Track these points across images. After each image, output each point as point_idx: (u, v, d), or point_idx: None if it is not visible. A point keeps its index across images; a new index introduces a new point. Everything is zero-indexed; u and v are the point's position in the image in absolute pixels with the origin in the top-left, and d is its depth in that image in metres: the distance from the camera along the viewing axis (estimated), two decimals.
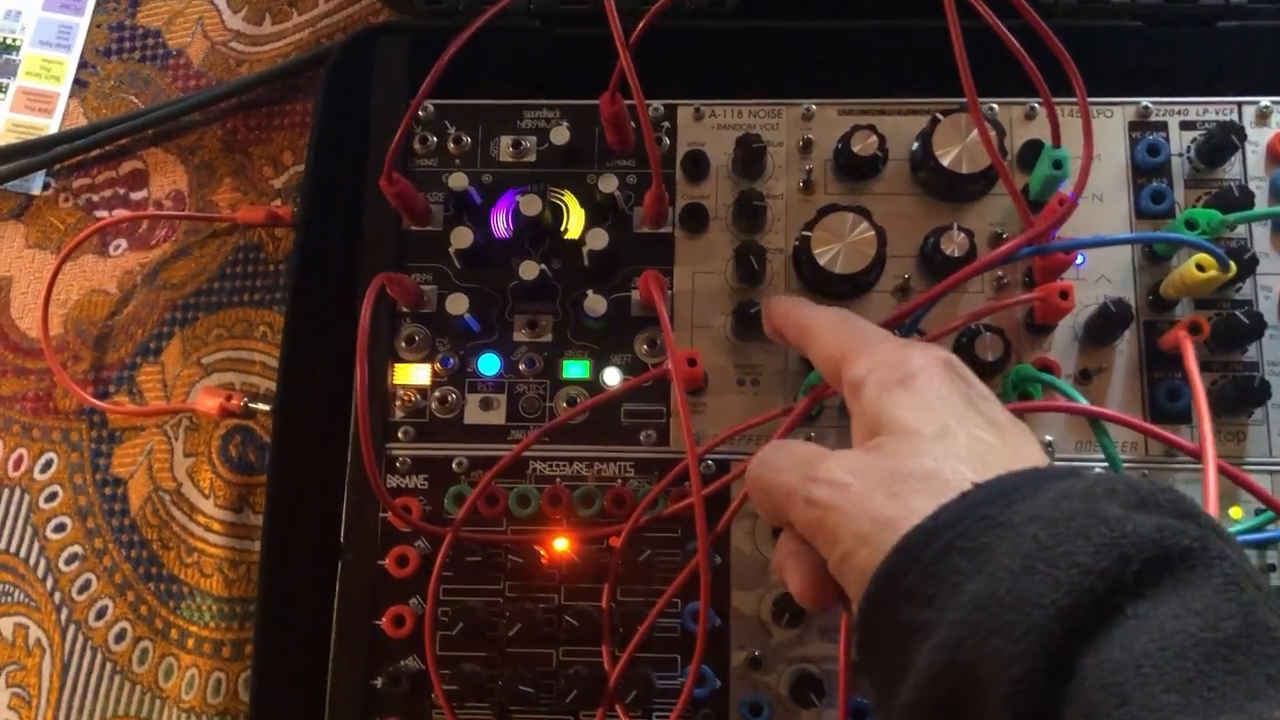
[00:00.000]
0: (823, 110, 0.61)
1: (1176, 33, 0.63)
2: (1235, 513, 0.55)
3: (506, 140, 0.62)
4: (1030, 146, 0.59)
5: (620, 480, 0.58)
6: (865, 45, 0.65)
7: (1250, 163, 0.59)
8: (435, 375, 0.60)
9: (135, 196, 0.77)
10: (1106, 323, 0.55)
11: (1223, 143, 0.58)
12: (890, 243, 0.57)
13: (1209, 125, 0.59)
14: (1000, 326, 0.56)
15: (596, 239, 0.57)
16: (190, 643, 0.67)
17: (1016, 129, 0.60)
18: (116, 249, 0.76)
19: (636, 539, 0.55)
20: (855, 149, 0.58)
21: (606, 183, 0.59)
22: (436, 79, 0.52)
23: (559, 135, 0.61)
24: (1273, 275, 0.58)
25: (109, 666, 0.67)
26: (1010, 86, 0.56)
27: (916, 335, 0.54)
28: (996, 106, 0.60)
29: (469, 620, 0.55)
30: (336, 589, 0.57)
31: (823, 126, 0.61)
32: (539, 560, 0.57)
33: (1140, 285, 0.58)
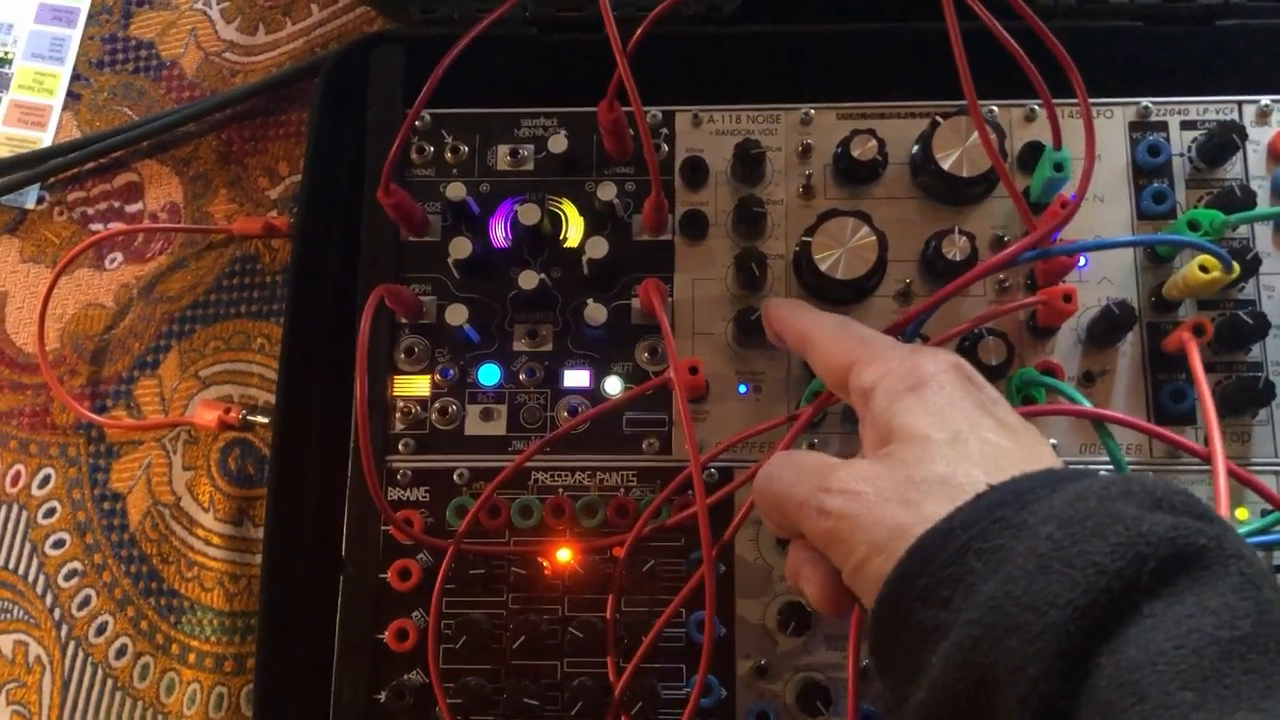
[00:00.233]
0: (821, 115, 0.61)
1: (1176, 32, 0.63)
2: (1241, 514, 0.55)
3: (504, 149, 0.62)
4: (1031, 148, 0.59)
5: (623, 490, 0.57)
6: (864, 49, 0.65)
7: (1251, 162, 0.59)
8: (435, 386, 0.59)
9: (130, 209, 0.76)
10: (1109, 325, 0.55)
11: (1224, 142, 0.58)
12: (891, 247, 0.56)
13: (1210, 125, 0.59)
14: (1003, 330, 0.56)
15: (596, 247, 0.57)
16: (191, 657, 0.66)
17: (1017, 131, 0.60)
18: (112, 262, 0.75)
19: (640, 549, 0.55)
20: (855, 153, 0.58)
21: (605, 190, 0.59)
22: (433, 89, 0.52)
23: (557, 143, 0.60)
24: (1276, 275, 0.57)
25: (110, 683, 0.66)
26: (1010, 88, 0.55)
27: (919, 340, 0.54)
28: (996, 109, 0.60)
29: (472, 633, 0.54)
30: (338, 603, 0.57)
31: (822, 131, 0.61)
32: (542, 572, 0.56)
33: (1143, 286, 0.58)
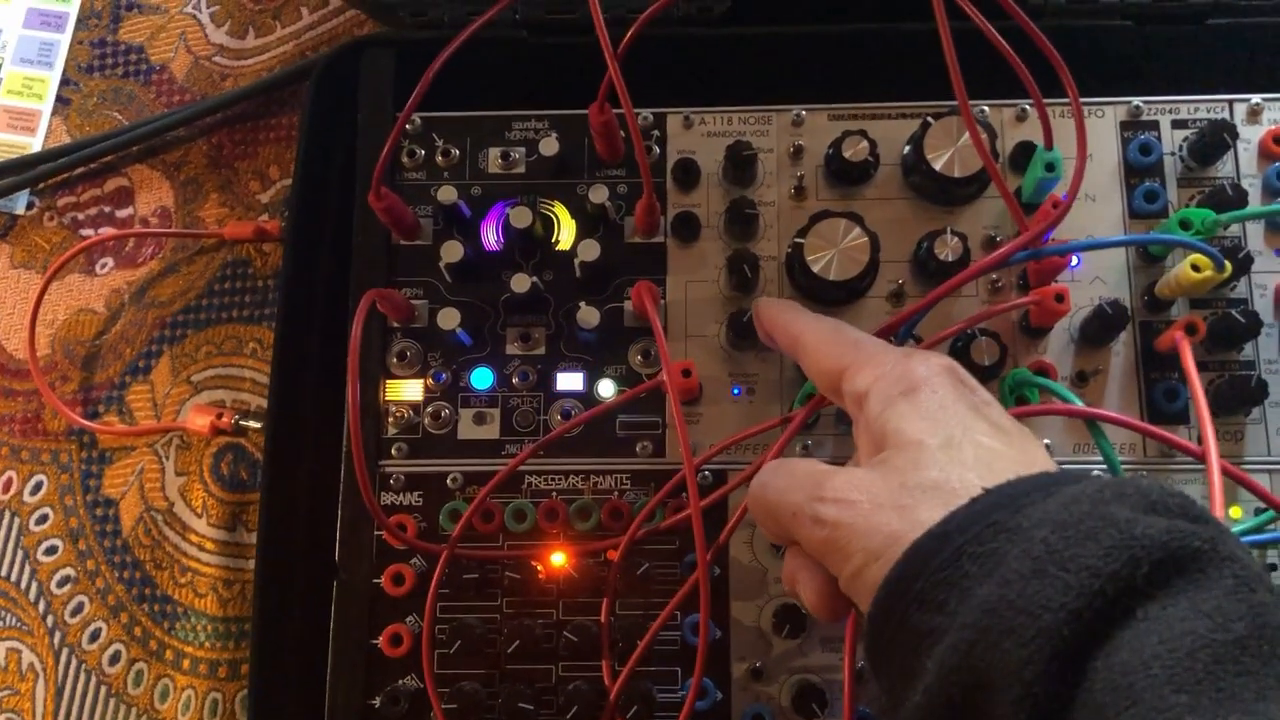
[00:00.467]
0: (813, 116, 0.61)
1: (1166, 31, 0.63)
2: (1235, 512, 0.55)
3: (495, 152, 0.62)
4: (1022, 148, 0.59)
5: (617, 493, 0.57)
6: (854, 49, 0.65)
7: (1242, 160, 0.59)
8: (428, 390, 0.59)
9: (121, 214, 0.76)
10: (1102, 324, 0.55)
11: (1215, 141, 0.57)
12: (883, 248, 0.56)
13: (1201, 124, 0.59)
14: (995, 330, 0.56)
15: (588, 250, 0.57)
16: (186, 663, 0.66)
17: (1008, 131, 0.60)
18: (103, 267, 0.75)
19: (634, 552, 0.55)
20: (846, 154, 0.58)
21: (597, 193, 0.58)
22: (424, 92, 0.52)
23: (548, 146, 0.60)
24: (1267, 273, 0.57)
25: (104, 689, 0.66)
26: (1000, 88, 0.55)
27: (912, 341, 0.54)
28: (987, 109, 0.60)
29: (467, 638, 0.54)
30: (332, 608, 0.57)
31: (813, 132, 0.61)
32: (536, 575, 0.56)
33: (1135, 286, 0.58)
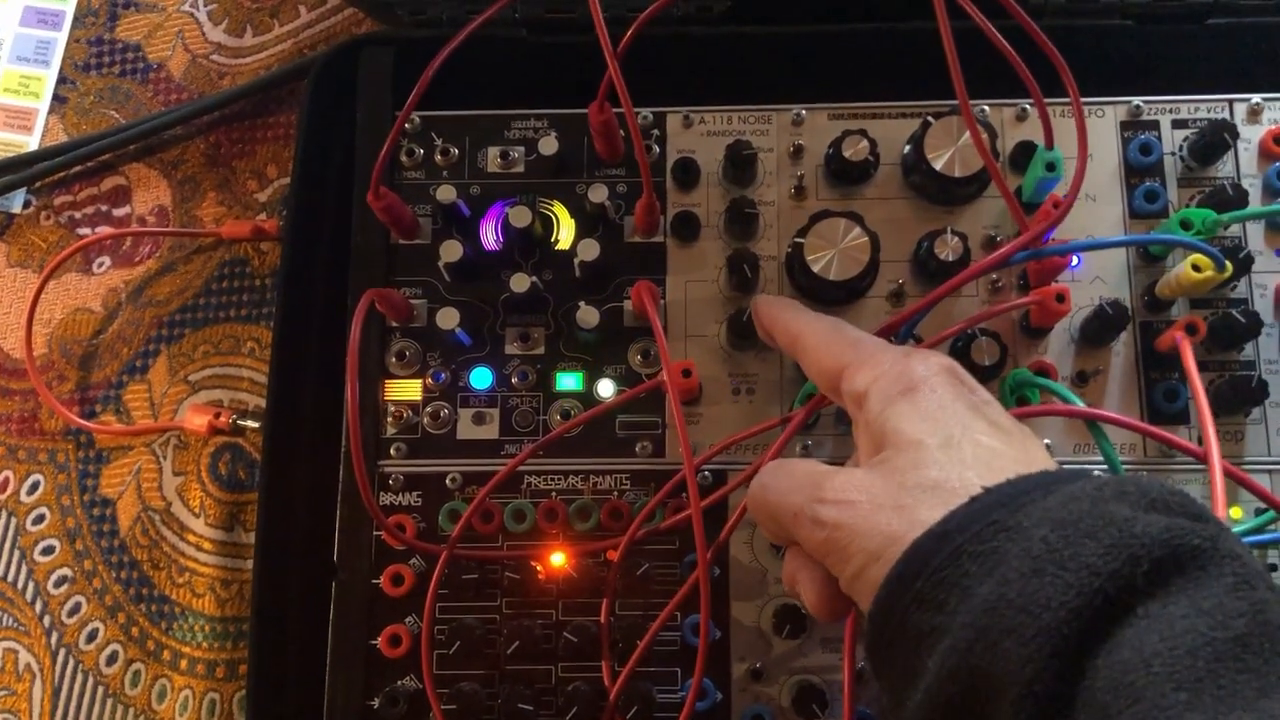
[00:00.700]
0: (813, 115, 0.61)
1: (1167, 31, 0.63)
2: (1235, 512, 0.55)
3: (494, 151, 0.61)
4: (1022, 148, 0.59)
5: (616, 493, 0.57)
6: (854, 49, 0.65)
7: (1243, 160, 0.59)
8: (427, 390, 0.59)
9: (118, 213, 0.76)
10: (1103, 324, 0.55)
11: (1215, 141, 0.57)
12: (883, 248, 0.56)
13: (1201, 123, 0.59)
14: (995, 330, 0.56)
15: (588, 250, 0.57)
16: (183, 664, 0.66)
17: (1008, 130, 0.60)
18: (100, 266, 0.75)
19: (634, 552, 0.55)
20: (846, 154, 0.58)
21: (596, 193, 0.58)
22: (423, 91, 0.52)
23: (547, 145, 0.60)
24: (1268, 273, 0.57)
25: (101, 690, 0.66)
26: (1001, 88, 0.55)
27: (912, 341, 0.54)
28: (987, 108, 0.60)
29: (466, 638, 0.54)
30: (331, 609, 0.57)
31: (813, 132, 0.61)
32: (536, 576, 0.56)
33: (1135, 286, 0.58)
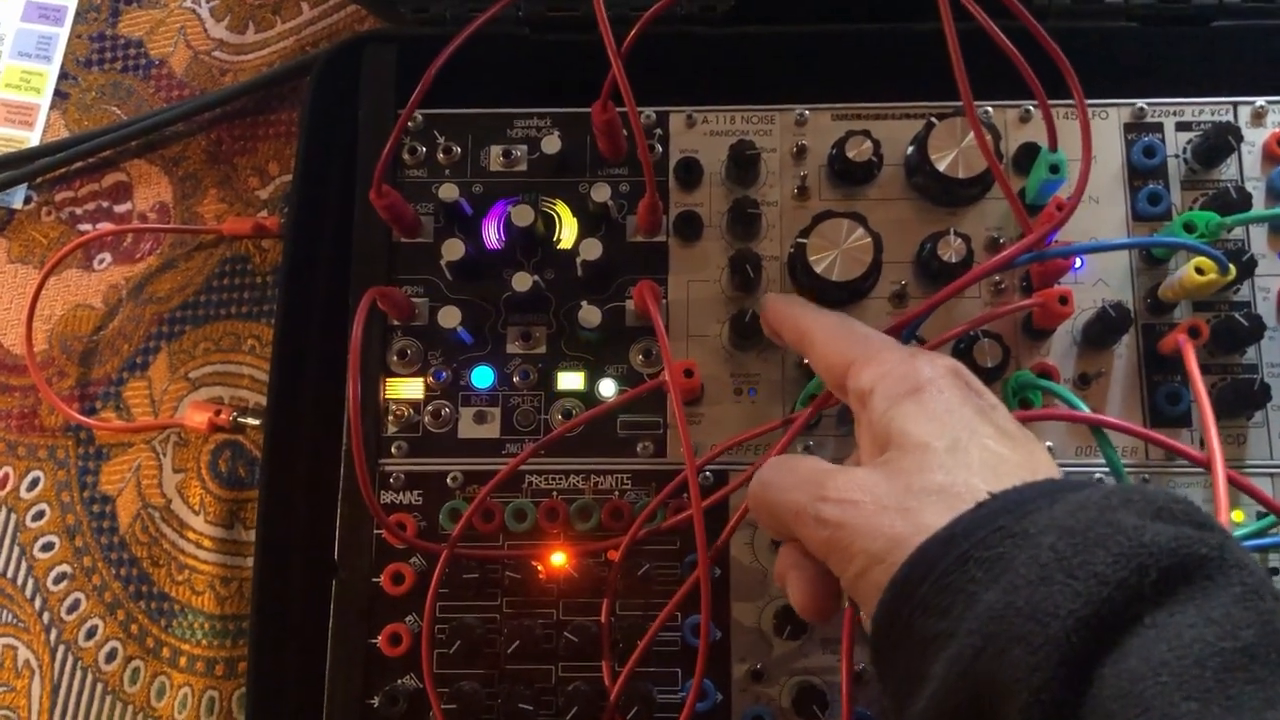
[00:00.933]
0: (816, 115, 0.61)
1: (1171, 33, 0.63)
2: (1237, 516, 0.55)
3: (497, 150, 0.61)
4: (1025, 150, 0.59)
5: (617, 493, 0.57)
6: (858, 49, 0.64)
7: (1247, 163, 0.59)
8: (428, 389, 0.59)
9: (119, 209, 0.76)
10: (1105, 327, 0.55)
11: (1219, 143, 0.57)
12: (886, 249, 0.56)
13: (1205, 126, 0.59)
14: (998, 332, 0.56)
15: (590, 249, 0.57)
16: (182, 661, 0.66)
17: (1011, 132, 0.60)
18: (101, 263, 0.75)
19: (635, 552, 0.55)
20: (850, 154, 0.58)
21: (599, 192, 0.58)
22: (426, 89, 0.51)
23: (550, 144, 0.60)
24: (1271, 277, 0.57)
25: (100, 687, 0.66)
26: (1004, 89, 0.55)
27: (915, 342, 0.54)
28: (991, 109, 0.60)
29: (466, 638, 0.54)
30: (331, 607, 0.56)
31: (816, 132, 0.61)
32: (536, 575, 0.56)
33: (1138, 288, 0.58)
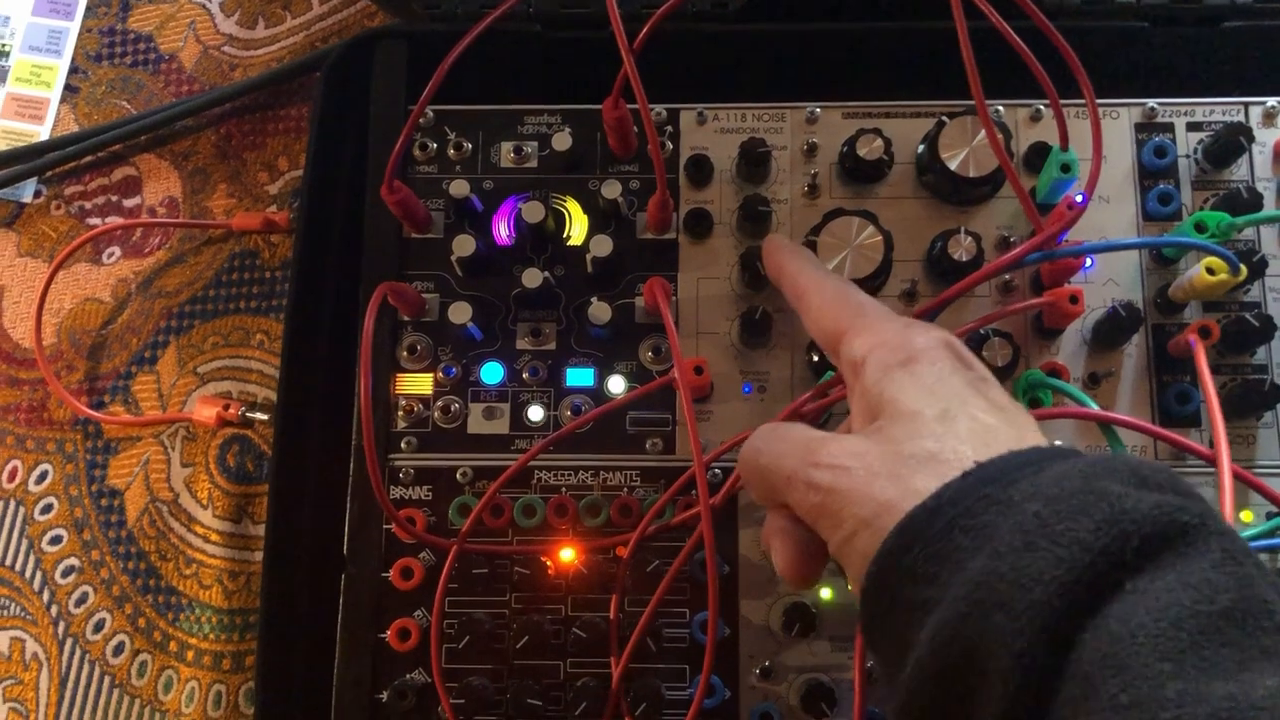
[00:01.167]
0: (827, 113, 0.61)
1: (1182, 33, 0.63)
2: (1246, 516, 0.55)
3: (507, 146, 0.61)
4: (1036, 149, 0.59)
5: (626, 489, 0.57)
6: (869, 48, 0.64)
7: (1258, 163, 0.59)
8: (438, 384, 0.59)
9: (128, 203, 0.76)
10: (1115, 326, 0.55)
11: (1230, 144, 0.57)
12: (896, 247, 0.56)
13: (1216, 126, 0.59)
14: (1008, 330, 0.56)
15: (600, 246, 0.57)
16: (190, 655, 0.66)
17: (1022, 131, 0.60)
18: (110, 257, 0.75)
19: (644, 548, 0.55)
20: (861, 152, 0.58)
21: (610, 189, 0.58)
22: (438, 85, 0.51)
23: (561, 141, 0.60)
24: None
25: (107, 680, 0.66)
26: (1014, 88, 0.55)
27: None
28: (1002, 109, 0.60)
29: (475, 633, 0.54)
30: (340, 602, 0.57)
31: (827, 130, 0.61)
32: (545, 571, 0.56)
33: (1148, 288, 0.58)
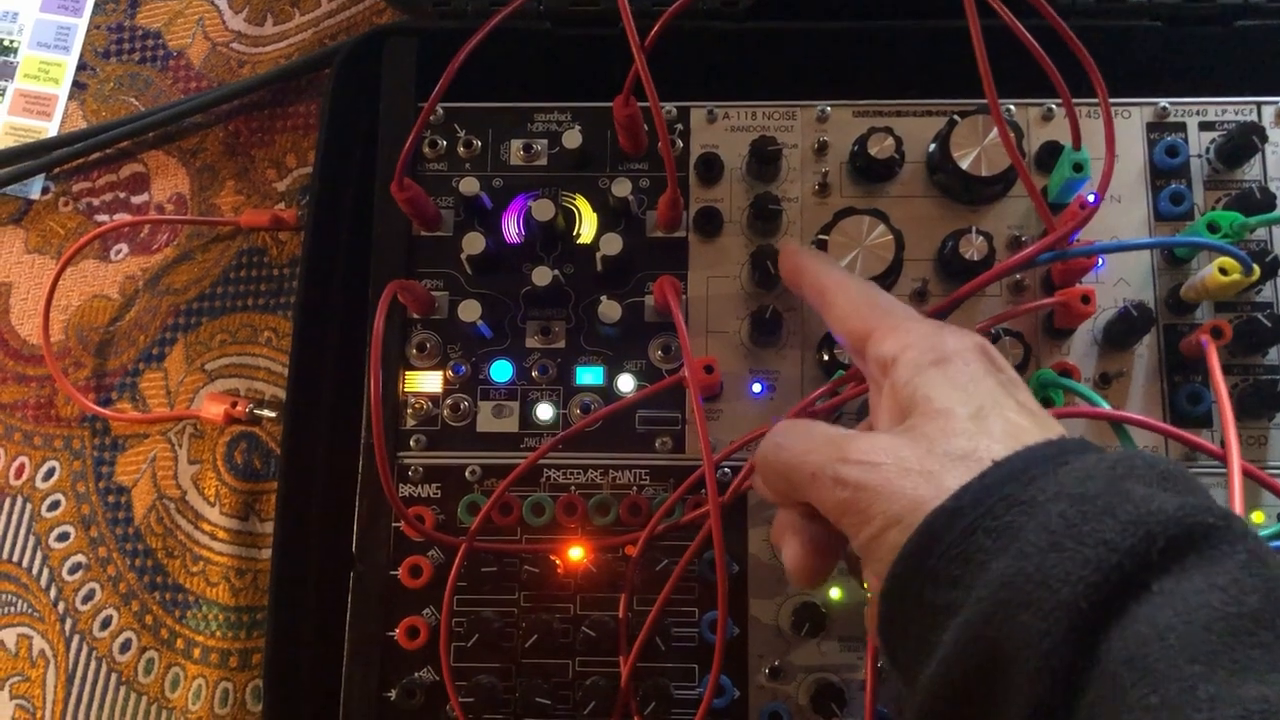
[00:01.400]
0: (838, 112, 0.61)
1: (1195, 32, 0.62)
2: (1258, 517, 0.55)
3: (517, 144, 0.61)
4: (1048, 148, 0.59)
5: (635, 488, 0.57)
6: (880, 46, 0.64)
7: (1270, 163, 0.58)
8: (447, 382, 0.59)
9: (136, 200, 0.76)
10: (1127, 326, 0.55)
11: (1242, 143, 0.57)
12: (907, 246, 0.56)
13: (1228, 126, 0.59)
14: (1019, 330, 0.55)
15: (610, 244, 0.56)
16: (197, 652, 0.66)
17: (1034, 130, 0.60)
18: (118, 253, 0.75)
19: (653, 547, 0.55)
20: (872, 151, 0.58)
21: (620, 187, 0.58)
22: (448, 83, 0.51)
23: (571, 139, 0.60)
24: None
25: (114, 677, 0.66)
26: (1024, 87, 0.55)
27: None
28: (1014, 108, 0.60)
29: (484, 631, 0.54)
30: (349, 600, 0.56)
31: (838, 128, 0.60)
32: (554, 570, 0.56)
33: (1160, 288, 0.57)
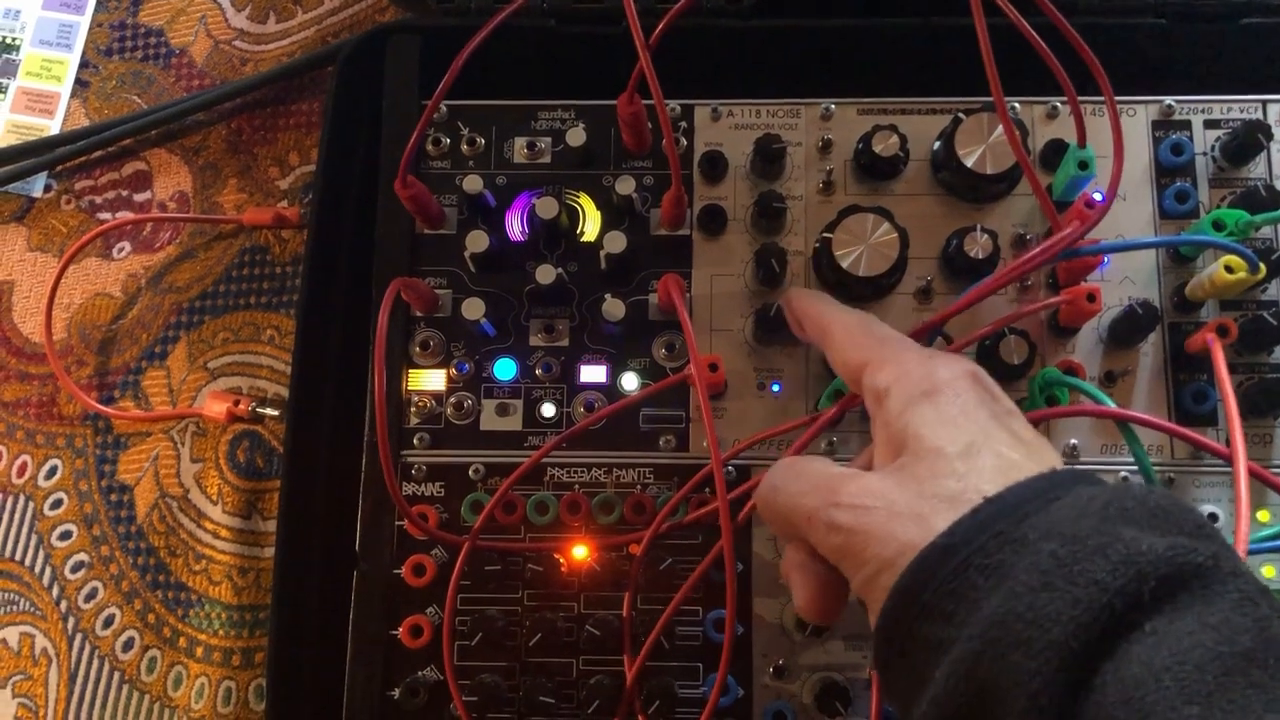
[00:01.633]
0: (842, 110, 0.61)
1: (1200, 30, 0.62)
2: (1263, 516, 0.54)
3: (521, 141, 0.61)
4: (1053, 146, 0.58)
5: (639, 487, 0.57)
6: (884, 43, 0.64)
7: (1275, 161, 0.58)
8: (450, 381, 0.59)
9: (139, 198, 0.76)
10: (1132, 325, 0.55)
11: (1248, 141, 0.57)
12: (912, 244, 0.56)
13: (1233, 124, 0.59)
14: (1024, 329, 0.55)
15: (614, 242, 0.56)
16: (199, 651, 0.66)
17: (1039, 128, 0.60)
18: (120, 252, 0.75)
19: (657, 546, 0.55)
20: (876, 149, 0.57)
21: (624, 184, 0.58)
22: (452, 80, 0.51)
23: (575, 136, 0.59)
24: None
25: (117, 676, 0.66)
26: (1029, 85, 0.55)
27: (941, 340, 0.53)
28: (1019, 105, 0.60)
29: (487, 630, 0.54)
30: (352, 599, 0.56)
31: (842, 126, 0.60)
32: (558, 569, 0.56)
33: (1165, 286, 0.57)
